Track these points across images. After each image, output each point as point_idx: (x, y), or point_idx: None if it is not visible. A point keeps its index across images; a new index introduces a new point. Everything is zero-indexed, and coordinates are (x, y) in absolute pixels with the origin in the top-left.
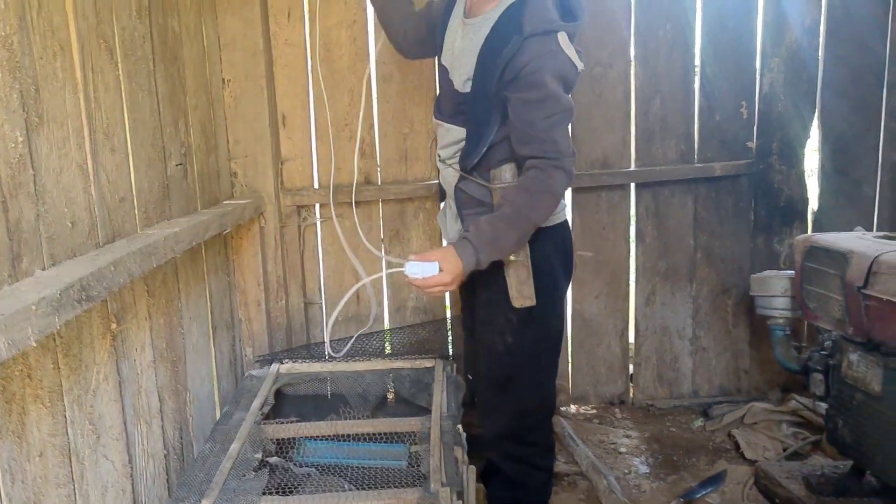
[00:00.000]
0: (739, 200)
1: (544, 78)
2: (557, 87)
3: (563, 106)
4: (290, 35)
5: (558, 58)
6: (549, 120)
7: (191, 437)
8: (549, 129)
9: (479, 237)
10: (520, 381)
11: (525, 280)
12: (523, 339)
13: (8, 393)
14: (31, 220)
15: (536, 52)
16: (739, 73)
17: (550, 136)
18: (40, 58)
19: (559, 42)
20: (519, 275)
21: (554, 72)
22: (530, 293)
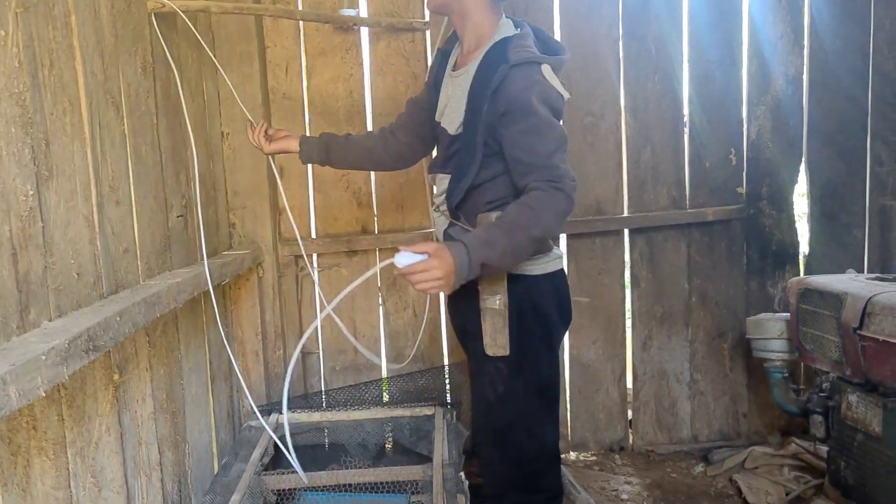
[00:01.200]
0: (732, 244)
1: (536, 105)
2: (549, 114)
3: (559, 132)
4: (288, 89)
5: (545, 86)
6: (548, 145)
7: (189, 490)
8: (549, 154)
9: (471, 238)
10: (515, 431)
11: (500, 329)
12: (514, 389)
13: (14, 445)
14: (39, 272)
15: (524, 81)
16: (727, 122)
17: (551, 161)
18: (51, 114)
19: (543, 73)
20: (495, 323)
21: (544, 100)
22: (504, 342)
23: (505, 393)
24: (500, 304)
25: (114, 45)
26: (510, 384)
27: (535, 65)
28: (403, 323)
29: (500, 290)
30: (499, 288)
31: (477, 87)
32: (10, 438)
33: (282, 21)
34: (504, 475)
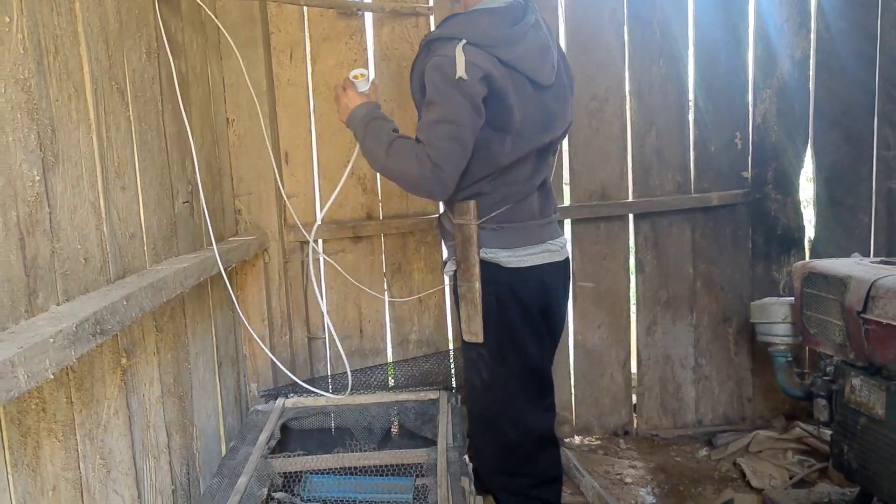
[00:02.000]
0: (737, 229)
1: (431, 81)
2: (446, 93)
3: (449, 115)
4: (293, 75)
5: (447, 64)
6: (429, 127)
7: (197, 473)
8: (426, 136)
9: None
10: (500, 417)
11: (473, 316)
12: (496, 376)
13: (24, 426)
14: (47, 257)
15: (432, 54)
16: (732, 106)
17: (430, 137)
18: (56, 100)
19: (455, 48)
20: (468, 310)
21: (441, 77)
22: (477, 330)
23: (489, 379)
24: (473, 292)
25: (118, 31)
26: (493, 371)
27: (449, 41)
28: (408, 309)
29: (473, 279)
30: (472, 276)
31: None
32: (20, 420)
33: (286, 6)
34: (490, 459)
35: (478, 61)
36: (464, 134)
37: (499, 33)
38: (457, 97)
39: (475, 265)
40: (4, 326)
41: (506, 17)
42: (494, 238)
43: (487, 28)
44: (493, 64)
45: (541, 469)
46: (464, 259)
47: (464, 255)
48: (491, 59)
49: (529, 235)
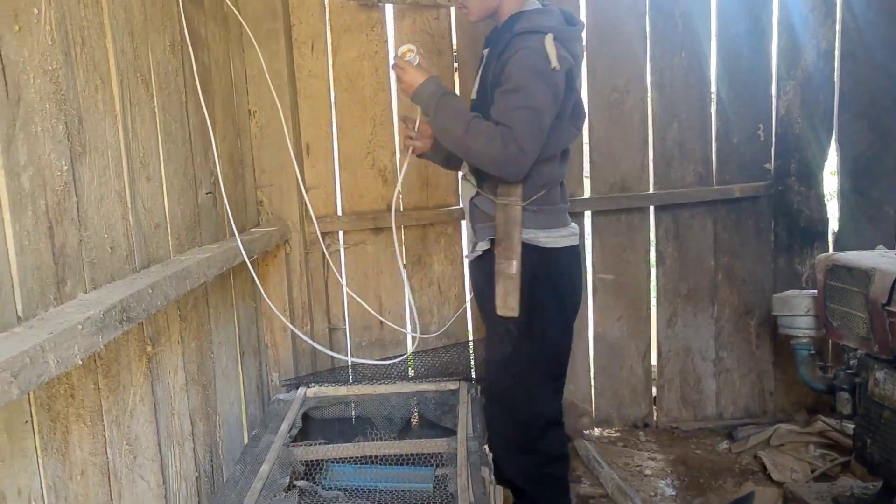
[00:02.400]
0: (759, 221)
1: (524, 71)
2: (533, 81)
3: (534, 102)
4: (314, 67)
5: (539, 56)
6: (511, 112)
7: (220, 460)
8: (508, 113)
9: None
10: (516, 394)
11: (511, 291)
12: (520, 352)
13: (53, 411)
14: (75, 245)
15: (521, 47)
16: (755, 97)
17: (511, 118)
18: (83, 91)
19: (543, 41)
20: (507, 286)
21: (533, 68)
22: (514, 305)
23: (511, 354)
24: (514, 270)
25: (143, 24)
26: (517, 346)
27: (537, 34)
28: (429, 300)
29: (514, 257)
30: (513, 254)
31: (491, 53)
32: (50, 406)
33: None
34: (503, 437)
35: (563, 54)
36: (545, 122)
37: (570, 32)
38: (542, 86)
39: (518, 243)
40: (34, 313)
41: (566, 16)
42: (533, 219)
43: (562, 25)
44: (570, 58)
45: (550, 446)
46: (506, 237)
47: (506, 234)
48: (568, 53)
49: (560, 218)
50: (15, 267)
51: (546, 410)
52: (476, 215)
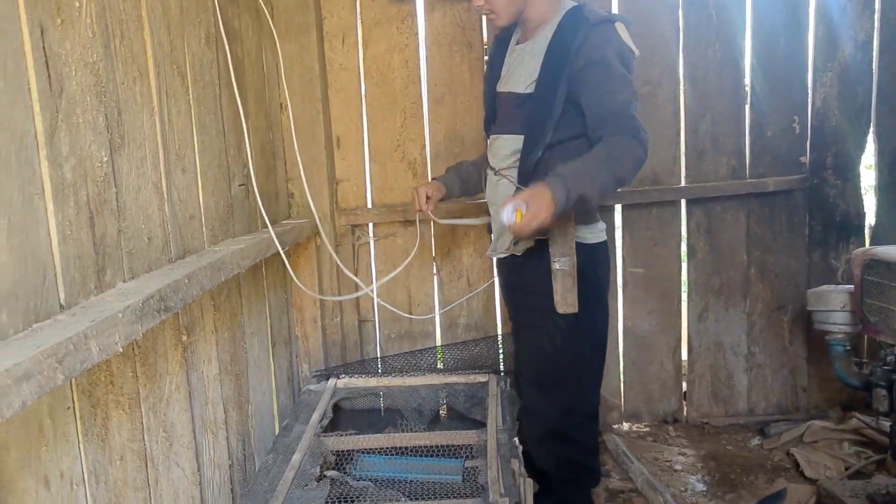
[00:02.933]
0: (794, 215)
1: (612, 61)
2: (623, 69)
3: (632, 87)
4: (345, 60)
5: (620, 43)
6: (623, 97)
7: (252, 449)
8: (625, 105)
9: (568, 171)
10: (564, 384)
11: (570, 288)
12: (572, 343)
13: (94, 398)
14: (114, 235)
15: (603, 38)
16: (791, 89)
17: (627, 111)
18: (122, 83)
19: (618, 30)
20: (565, 283)
21: (619, 55)
22: (573, 301)
23: (562, 346)
24: (569, 266)
25: (179, 17)
26: (569, 338)
27: (611, 23)
28: (457, 292)
29: (569, 253)
30: (568, 251)
31: (556, 45)
32: (91, 392)
33: None
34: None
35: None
36: (635, 96)
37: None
38: (628, 75)
39: (573, 240)
40: (76, 301)
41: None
42: (579, 216)
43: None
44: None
45: (587, 437)
46: (560, 234)
47: (561, 231)
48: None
49: (595, 214)
50: (58, 256)
51: (593, 400)
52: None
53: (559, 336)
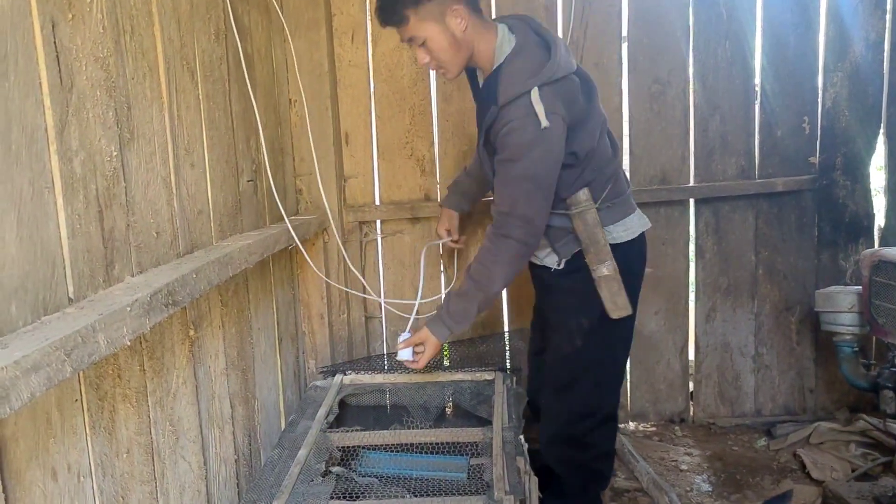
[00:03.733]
0: (802, 216)
1: (513, 142)
2: (527, 153)
3: (531, 170)
4: (354, 57)
5: (525, 123)
6: (515, 196)
7: (258, 444)
8: (513, 204)
9: (448, 315)
10: (581, 385)
11: (617, 292)
12: (591, 344)
13: (101, 391)
14: (123, 230)
15: (509, 118)
16: (801, 89)
17: (515, 210)
18: (132, 78)
19: (531, 101)
20: (611, 288)
21: (522, 137)
22: (624, 303)
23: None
24: (611, 270)
25: (189, 13)
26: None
27: (524, 96)
28: None
29: (607, 258)
30: (605, 256)
31: (479, 117)
32: (98, 385)
33: None
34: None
35: (552, 103)
36: (547, 182)
37: (552, 66)
38: (537, 152)
39: (605, 244)
40: (84, 295)
41: (539, 45)
42: (608, 216)
43: (542, 63)
44: (562, 94)
45: (601, 441)
46: (593, 243)
47: (592, 240)
48: (557, 88)
49: (630, 203)
50: (67, 249)
51: (611, 402)
52: (552, 234)
53: (580, 337)
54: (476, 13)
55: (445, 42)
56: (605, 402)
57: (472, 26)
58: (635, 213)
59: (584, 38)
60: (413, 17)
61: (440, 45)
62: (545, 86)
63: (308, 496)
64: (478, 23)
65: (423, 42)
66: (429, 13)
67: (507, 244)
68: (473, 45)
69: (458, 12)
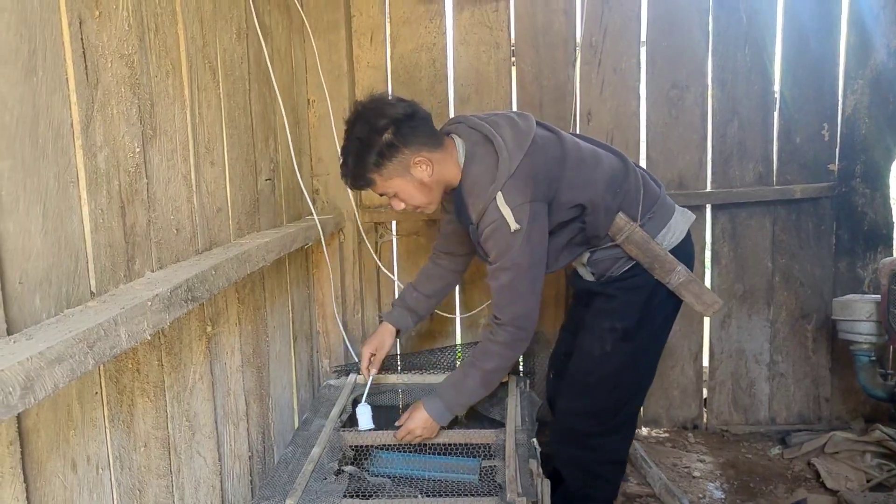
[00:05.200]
0: (821, 223)
1: (492, 249)
2: (508, 256)
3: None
4: (372, 58)
5: (500, 229)
6: (503, 288)
7: (272, 441)
8: (500, 293)
9: (447, 396)
10: (600, 386)
11: (699, 291)
12: (621, 350)
13: (120, 384)
14: (144, 226)
15: (483, 229)
16: (821, 96)
17: (502, 299)
18: (155, 76)
19: (498, 207)
20: (692, 290)
21: (499, 244)
22: (712, 299)
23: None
24: (684, 274)
25: (212, 12)
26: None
27: (490, 207)
28: (478, 293)
29: (675, 265)
30: (672, 264)
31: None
32: (118, 378)
33: None
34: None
35: (519, 204)
36: (535, 271)
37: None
38: (517, 250)
39: (666, 252)
40: (106, 289)
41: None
42: (654, 226)
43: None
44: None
45: (612, 448)
46: (654, 259)
47: (651, 255)
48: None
49: (668, 205)
50: (90, 244)
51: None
52: (601, 265)
53: (610, 342)
54: (437, 147)
55: (415, 190)
56: (622, 409)
57: (438, 163)
58: (677, 212)
59: (602, 42)
60: (379, 179)
61: (410, 194)
62: (506, 184)
63: (321, 494)
64: (441, 156)
65: (394, 194)
66: (393, 171)
67: (505, 335)
68: (444, 177)
69: (421, 162)
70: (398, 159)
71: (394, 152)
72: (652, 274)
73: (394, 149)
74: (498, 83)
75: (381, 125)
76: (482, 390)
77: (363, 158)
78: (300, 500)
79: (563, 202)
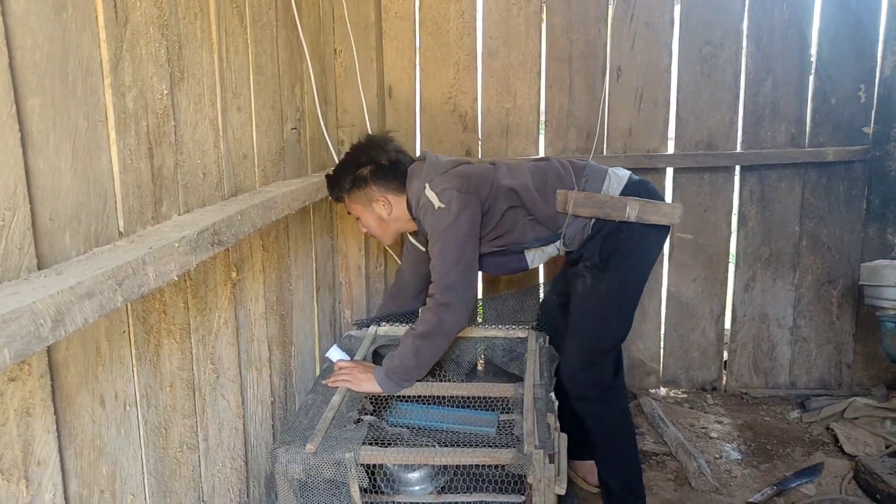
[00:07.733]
0: (852, 188)
1: (427, 229)
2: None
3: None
4: (400, 8)
5: (427, 210)
6: (433, 261)
7: (294, 388)
8: (433, 268)
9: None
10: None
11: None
12: (600, 284)
13: (147, 325)
14: (171, 168)
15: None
16: (859, 56)
17: (434, 272)
18: (184, 18)
19: (426, 194)
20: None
21: (429, 221)
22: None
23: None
24: (637, 203)
25: None
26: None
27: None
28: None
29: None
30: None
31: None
32: (145, 318)
33: None
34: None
35: (444, 188)
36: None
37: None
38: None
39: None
40: (134, 230)
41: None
42: (592, 186)
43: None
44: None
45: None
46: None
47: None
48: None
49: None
50: (118, 184)
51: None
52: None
53: (589, 277)
54: (402, 193)
55: (373, 222)
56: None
57: (397, 206)
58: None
59: None
60: (347, 200)
61: (368, 223)
62: (434, 179)
63: (340, 441)
64: (401, 198)
65: (357, 217)
66: (357, 199)
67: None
68: (402, 218)
69: (381, 202)
70: (364, 192)
71: (363, 185)
72: (611, 220)
73: (364, 182)
74: (527, 36)
75: (364, 161)
76: (413, 359)
77: (341, 179)
78: (320, 446)
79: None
